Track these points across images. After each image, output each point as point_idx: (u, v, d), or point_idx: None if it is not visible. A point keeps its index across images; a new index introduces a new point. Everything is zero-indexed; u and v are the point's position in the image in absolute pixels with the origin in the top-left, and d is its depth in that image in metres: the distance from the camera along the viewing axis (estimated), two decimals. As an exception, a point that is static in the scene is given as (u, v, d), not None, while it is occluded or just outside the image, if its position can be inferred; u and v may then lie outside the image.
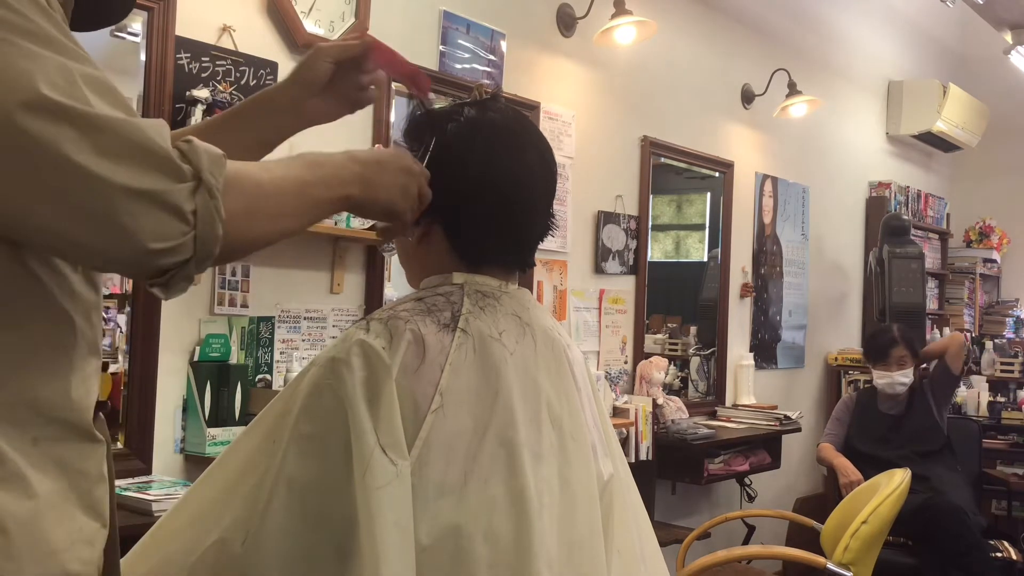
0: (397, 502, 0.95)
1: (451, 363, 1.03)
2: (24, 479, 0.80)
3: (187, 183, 0.80)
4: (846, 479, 3.96)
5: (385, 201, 1.03)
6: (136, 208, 0.77)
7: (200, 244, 0.81)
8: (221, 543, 0.98)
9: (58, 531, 0.82)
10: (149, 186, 0.78)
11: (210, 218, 0.81)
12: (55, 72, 0.76)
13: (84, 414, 0.88)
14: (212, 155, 0.83)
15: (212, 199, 0.81)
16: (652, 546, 1.24)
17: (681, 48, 4.33)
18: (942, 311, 6.54)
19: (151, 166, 0.79)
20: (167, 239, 0.79)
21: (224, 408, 2.49)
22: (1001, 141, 6.74)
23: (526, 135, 1.17)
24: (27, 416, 0.82)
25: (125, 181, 0.77)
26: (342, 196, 0.99)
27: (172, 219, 0.79)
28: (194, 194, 0.81)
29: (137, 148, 0.78)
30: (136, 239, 0.78)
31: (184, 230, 0.80)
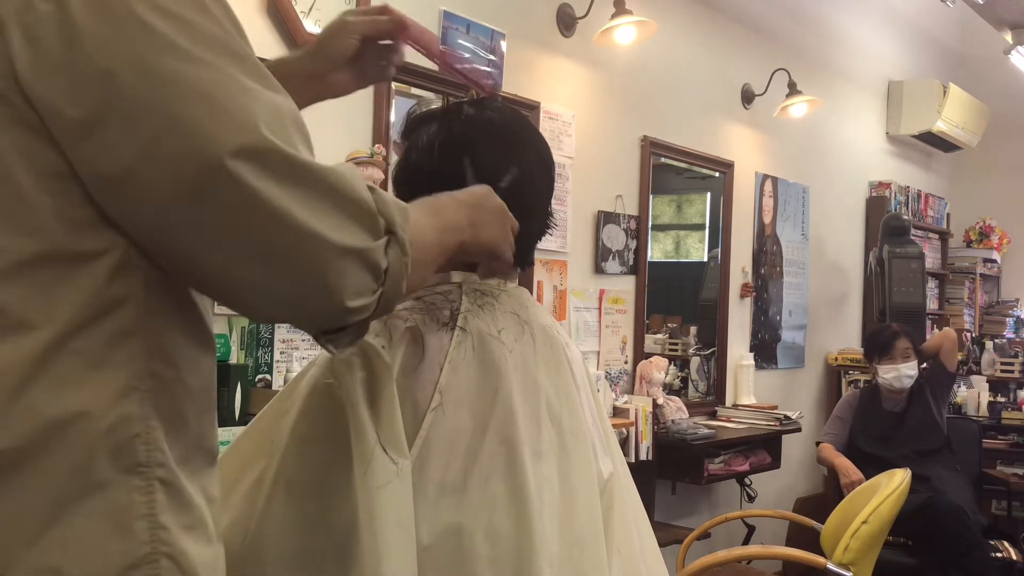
0: (398, 501, 0.95)
1: (450, 361, 1.03)
2: (206, 525, 0.78)
3: (383, 239, 0.78)
4: (847, 479, 3.96)
5: (488, 242, 1.00)
6: (345, 266, 0.74)
7: (384, 300, 0.79)
8: (221, 543, 0.98)
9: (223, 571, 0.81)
10: (357, 244, 0.75)
11: (400, 274, 0.79)
12: (270, 112, 0.72)
13: (217, 438, 0.86)
14: (401, 208, 0.80)
15: (404, 256, 0.79)
16: (652, 545, 1.24)
17: (681, 48, 4.33)
18: (942, 311, 6.53)
19: (356, 221, 0.75)
20: (363, 297, 0.77)
21: (224, 408, 2.49)
22: (1001, 141, 6.74)
23: (524, 134, 1.17)
24: (195, 453, 0.80)
25: (337, 238, 0.73)
26: (459, 242, 0.96)
27: (369, 276, 0.77)
28: (387, 250, 0.78)
29: (344, 201, 0.75)
30: (337, 296, 0.75)
31: (375, 288, 0.78)
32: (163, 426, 0.74)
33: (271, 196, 0.70)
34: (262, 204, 0.70)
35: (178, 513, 0.75)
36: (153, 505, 0.72)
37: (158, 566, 0.72)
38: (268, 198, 0.70)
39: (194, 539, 0.75)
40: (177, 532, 0.74)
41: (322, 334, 0.81)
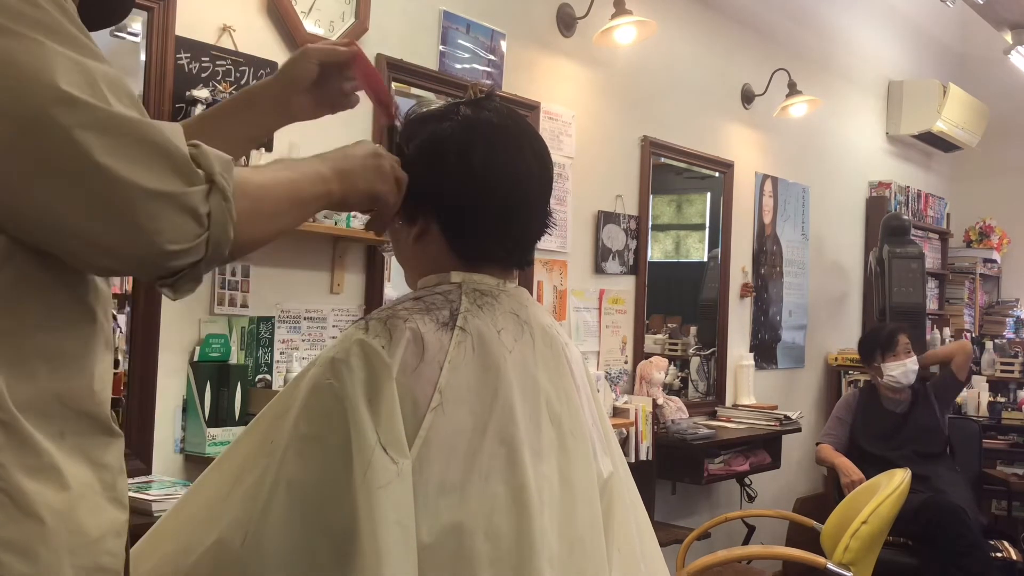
0: (398, 501, 0.95)
1: (450, 361, 1.03)
2: (57, 470, 0.82)
3: (201, 186, 0.82)
4: (848, 478, 3.96)
5: (364, 187, 1.06)
6: (155, 209, 0.79)
7: (212, 246, 0.83)
8: (220, 543, 0.98)
9: (91, 522, 0.84)
10: (168, 188, 0.79)
11: (223, 220, 0.83)
12: (75, 70, 0.77)
13: (104, 407, 0.89)
14: (222, 159, 0.85)
15: (226, 202, 0.83)
16: (651, 545, 1.24)
17: (681, 48, 4.33)
18: (942, 311, 6.53)
19: (169, 168, 0.80)
20: (183, 240, 0.80)
21: (224, 408, 2.49)
22: (1001, 141, 6.74)
23: (522, 134, 1.17)
24: (55, 409, 0.83)
25: (146, 183, 0.78)
26: (325, 192, 1.01)
27: (189, 221, 0.81)
28: (208, 196, 0.82)
29: (156, 149, 0.80)
30: (154, 240, 0.79)
31: (198, 232, 0.82)
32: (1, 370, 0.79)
33: (83, 142, 0.76)
34: (75, 150, 0.76)
35: (18, 453, 0.79)
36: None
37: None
38: (80, 144, 0.75)
39: (40, 481, 0.80)
40: (15, 471, 0.78)
41: (157, 281, 0.84)
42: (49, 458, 0.81)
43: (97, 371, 0.88)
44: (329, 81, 1.19)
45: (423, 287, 1.14)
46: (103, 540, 0.85)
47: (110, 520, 0.86)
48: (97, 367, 0.88)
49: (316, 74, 1.17)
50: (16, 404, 0.80)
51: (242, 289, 2.61)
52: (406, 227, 1.15)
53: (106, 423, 0.89)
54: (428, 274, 1.15)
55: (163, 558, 1.00)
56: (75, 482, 0.83)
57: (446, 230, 1.13)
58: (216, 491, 1.03)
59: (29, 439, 0.80)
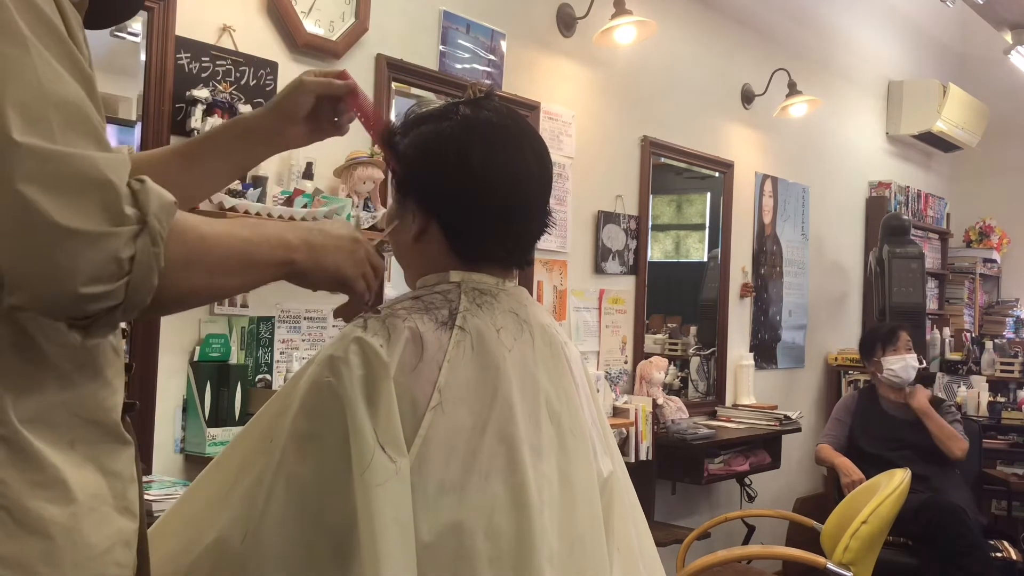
0: (396, 499, 0.95)
1: (449, 360, 1.03)
2: (64, 483, 0.81)
3: (130, 227, 0.77)
4: (848, 478, 3.96)
5: (332, 267, 1.00)
6: (72, 248, 0.74)
7: (132, 291, 0.77)
8: (220, 541, 0.98)
9: (97, 534, 0.83)
10: (88, 227, 0.74)
11: (147, 266, 0.78)
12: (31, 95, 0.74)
13: (113, 415, 0.89)
14: (163, 200, 0.79)
15: (154, 247, 0.78)
16: (650, 545, 1.24)
17: (681, 48, 4.33)
18: (942, 311, 6.53)
19: (95, 205, 0.75)
20: (99, 284, 0.75)
21: (224, 408, 2.49)
22: (1001, 141, 6.74)
23: (522, 134, 1.17)
24: (64, 419, 0.82)
25: (63, 220, 0.73)
26: (286, 259, 0.95)
27: (108, 263, 0.75)
28: (135, 239, 0.77)
29: (85, 183, 0.75)
30: (68, 280, 0.74)
31: (117, 275, 0.76)
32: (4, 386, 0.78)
33: (5, 169, 0.72)
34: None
35: (22, 469, 0.78)
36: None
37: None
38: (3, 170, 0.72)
39: (43, 496, 0.79)
40: (17, 486, 0.77)
41: (71, 322, 0.79)
42: (55, 471, 0.80)
43: (105, 378, 0.88)
44: (323, 111, 1.20)
45: (422, 286, 1.14)
46: (111, 551, 0.84)
47: (118, 530, 0.86)
48: (103, 375, 0.88)
49: (311, 107, 1.18)
50: (22, 418, 0.79)
51: (242, 289, 2.61)
52: (406, 227, 1.15)
53: (116, 430, 0.88)
54: (427, 273, 1.15)
55: (163, 557, 1.01)
56: (82, 494, 0.82)
57: (445, 229, 1.13)
58: (216, 490, 1.03)
59: (34, 453, 0.79)
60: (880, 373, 4.27)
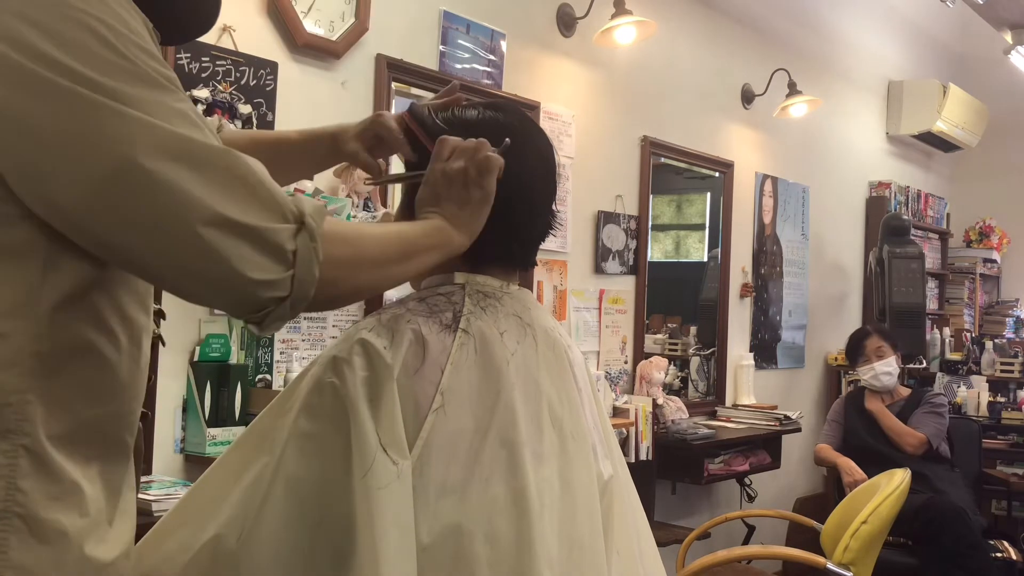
0: (398, 502, 0.95)
1: (452, 363, 1.03)
2: (80, 497, 0.83)
3: (290, 224, 0.85)
4: (850, 478, 3.96)
5: (470, 215, 1.06)
6: (240, 241, 0.81)
7: (297, 284, 0.85)
8: (216, 539, 0.98)
9: (105, 548, 0.86)
10: (255, 222, 0.82)
11: (309, 260, 0.85)
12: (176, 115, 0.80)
13: (129, 432, 0.91)
14: (314, 204, 0.88)
15: (312, 242, 0.85)
16: (650, 547, 1.24)
17: (681, 48, 4.33)
18: (942, 311, 6.53)
19: (258, 203, 0.83)
20: (267, 272, 0.83)
21: (224, 408, 2.49)
22: (1001, 141, 6.74)
23: (526, 135, 1.17)
24: (86, 436, 0.85)
25: (233, 214, 0.80)
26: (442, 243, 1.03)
27: (273, 255, 0.83)
28: (296, 236, 0.85)
29: (246, 184, 0.83)
30: (237, 269, 0.81)
31: (283, 268, 0.84)
32: (40, 403, 0.81)
33: (178, 179, 0.78)
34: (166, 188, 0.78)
35: (44, 481, 0.81)
36: (14, 469, 0.79)
37: (8, 523, 0.78)
38: (174, 182, 0.78)
39: (60, 509, 0.81)
40: (37, 497, 0.80)
41: (246, 317, 0.87)
42: (72, 485, 0.83)
43: (128, 397, 0.90)
44: None
45: (426, 287, 1.14)
46: (115, 565, 0.87)
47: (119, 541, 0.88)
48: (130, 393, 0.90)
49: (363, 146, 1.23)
50: (49, 434, 0.81)
51: (242, 289, 2.61)
52: None
53: (126, 449, 0.91)
54: (432, 275, 1.15)
55: (163, 555, 1.01)
56: (93, 508, 0.85)
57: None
58: (217, 489, 1.03)
59: (56, 468, 0.82)
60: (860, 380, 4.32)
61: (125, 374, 0.90)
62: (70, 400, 0.84)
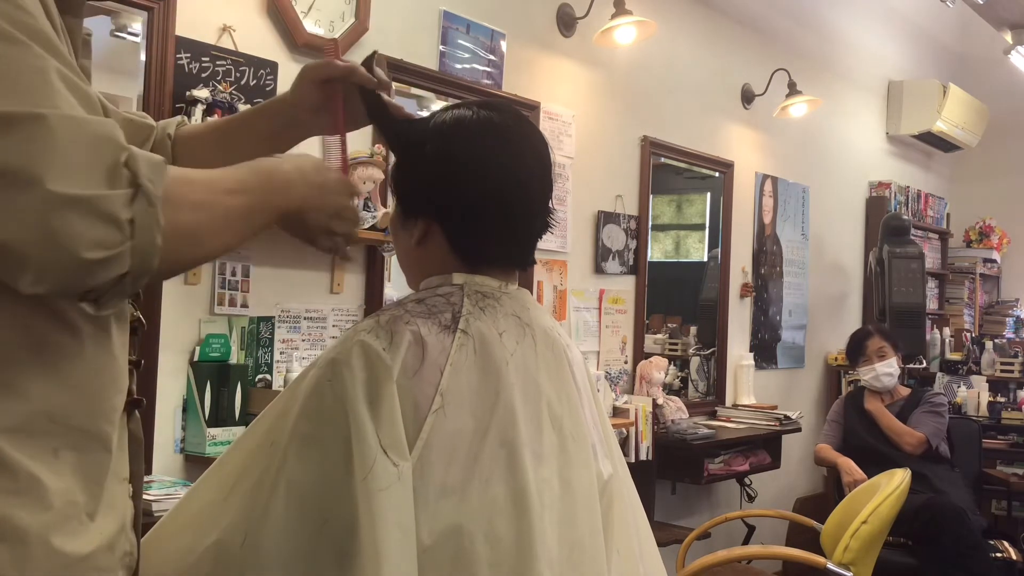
0: (398, 503, 0.95)
1: (452, 364, 1.03)
2: (40, 491, 0.80)
3: (124, 190, 0.75)
4: (850, 478, 3.96)
5: (312, 228, 1.01)
6: (69, 214, 0.72)
7: (139, 256, 0.76)
8: (219, 544, 0.98)
9: (75, 542, 0.82)
10: (81, 191, 0.72)
11: (148, 227, 0.76)
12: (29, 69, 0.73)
13: (101, 420, 0.87)
14: (151, 161, 0.78)
15: (151, 207, 0.76)
16: (650, 546, 1.24)
17: (681, 48, 4.33)
18: (942, 311, 6.53)
19: (86, 169, 0.73)
20: (102, 248, 0.73)
21: (224, 408, 2.49)
22: (1001, 141, 6.73)
23: (522, 134, 1.17)
24: (45, 427, 0.81)
25: (57, 186, 0.71)
26: (282, 210, 0.96)
27: (107, 227, 0.74)
28: (132, 201, 0.75)
29: (76, 146, 0.73)
30: (70, 248, 0.72)
31: (120, 239, 0.74)
32: None
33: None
34: None
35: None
36: None
37: None
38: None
39: (17, 504, 0.78)
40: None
41: (79, 297, 0.78)
42: (30, 480, 0.79)
43: (96, 384, 0.86)
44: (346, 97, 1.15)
45: (425, 288, 1.14)
46: (91, 557, 0.83)
47: (99, 534, 0.85)
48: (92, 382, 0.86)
49: (320, 95, 1.14)
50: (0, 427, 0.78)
51: (242, 289, 2.61)
52: (408, 230, 1.15)
53: (103, 438, 0.87)
54: (430, 276, 1.15)
55: (164, 558, 1.01)
56: (60, 501, 0.81)
57: (448, 232, 1.13)
58: (217, 492, 1.03)
59: (8, 461, 0.78)
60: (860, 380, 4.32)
61: (89, 361, 0.85)
62: (21, 391, 0.79)
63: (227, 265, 2.57)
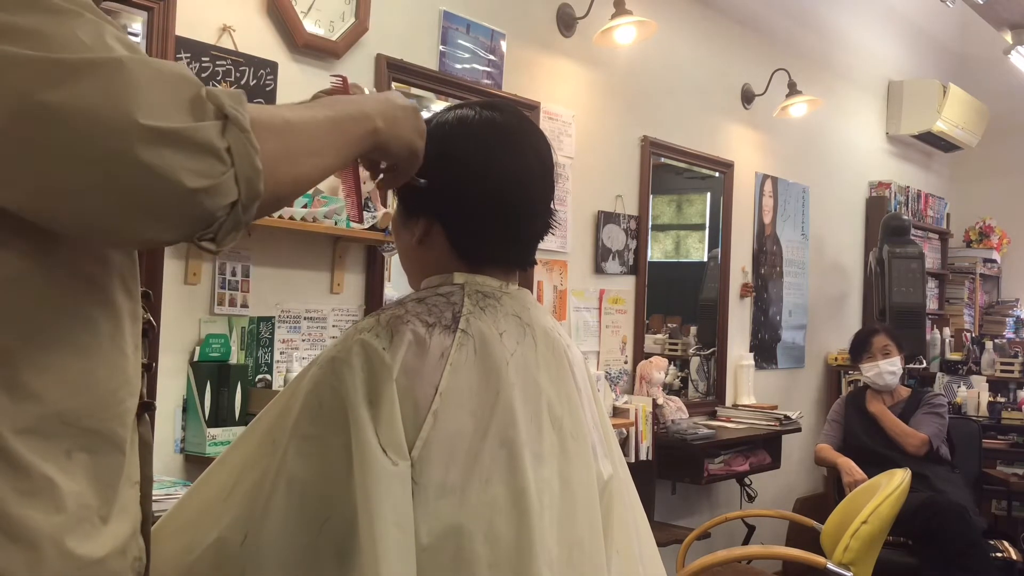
0: (397, 503, 0.95)
1: (451, 363, 1.03)
2: (54, 493, 0.79)
3: (214, 120, 0.75)
4: (850, 478, 3.96)
5: (407, 139, 1.02)
6: (165, 149, 0.71)
7: (243, 182, 0.76)
8: (220, 542, 0.98)
9: (88, 545, 0.81)
10: (174, 124, 0.72)
11: (246, 152, 0.76)
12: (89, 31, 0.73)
13: (114, 423, 0.86)
14: (231, 92, 0.78)
15: (243, 132, 0.76)
16: (650, 546, 1.24)
17: (681, 48, 4.33)
18: (942, 311, 6.53)
19: (172, 104, 0.73)
20: (206, 177, 0.73)
21: (224, 408, 2.49)
22: (1001, 141, 6.74)
23: (524, 134, 1.17)
24: (58, 429, 0.80)
25: (150, 122, 0.71)
26: (370, 129, 0.96)
27: (207, 157, 0.74)
28: (224, 131, 0.75)
29: (154, 86, 0.73)
30: (172, 181, 0.71)
31: (222, 169, 0.74)
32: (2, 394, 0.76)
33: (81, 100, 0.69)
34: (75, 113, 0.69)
35: (8, 477, 0.76)
36: None
37: None
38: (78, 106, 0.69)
39: (30, 505, 0.77)
40: (4, 494, 0.76)
41: (198, 236, 0.77)
42: (44, 481, 0.78)
43: (111, 385, 0.85)
44: None
45: (426, 287, 1.14)
46: (104, 561, 0.83)
47: (112, 538, 0.84)
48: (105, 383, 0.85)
49: None
50: (14, 428, 0.77)
51: (242, 289, 2.61)
52: (409, 230, 1.15)
53: (117, 440, 0.86)
54: (431, 275, 1.15)
55: (164, 556, 1.00)
56: (73, 503, 0.80)
57: (449, 231, 1.13)
58: (217, 490, 1.03)
59: (22, 463, 0.77)
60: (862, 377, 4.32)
61: (104, 361, 0.84)
62: (35, 391, 0.78)
63: (227, 265, 2.57)
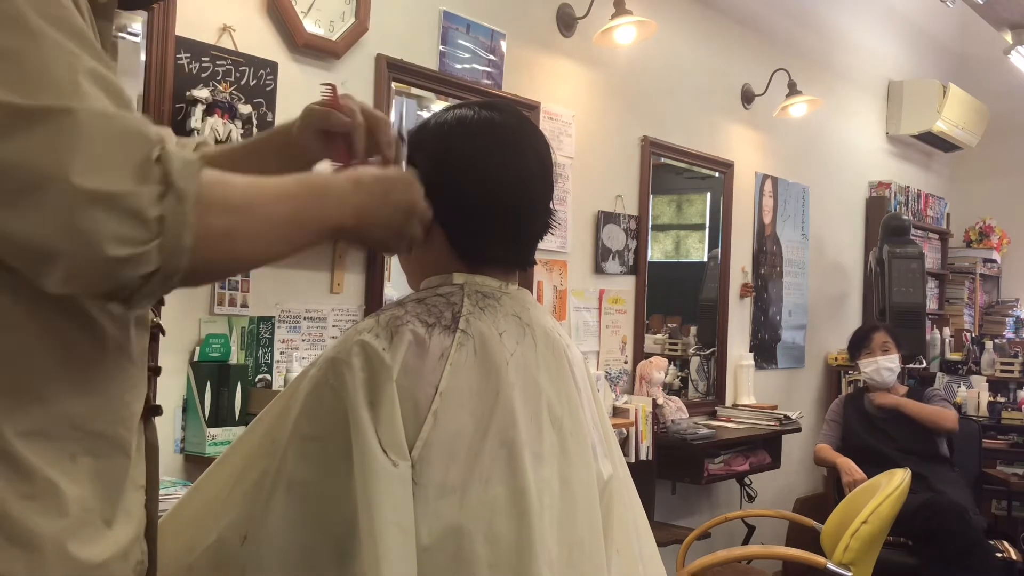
0: (398, 503, 0.95)
1: (451, 364, 1.03)
2: (57, 497, 0.79)
3: (154, 186, 0.73)
4: (850, 478, 3.96)
5: (379, 239, 0.99)
6: (94, 210, 0.70)
7: (166, 255, 0.73)
8: (220, 542, 0.98)
9: (91, 549, 0.81)
10: (108, 187, 0.70)
11: (177, 225, 0.73)
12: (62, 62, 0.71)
13: (121, 427, 0.86)
14: (185, 159, 0.76)
15: (180, 203, 0.74)
16: (650, 546, 1.24)
17: (681, 48, 4.33)
18: (942, 311, 6.53)
19: (117, 164, 0.72)
20: (128, 245, 0.71)
21: (224, 408, 2.49)
22: (1001, 141, 6.73)
23: (523, 134, 1.17)
24: (65, 432, 0.80)
25: (83, 182, 0.69)
26: (333, 226, 0.92)
27: (134, 224, 0.71)
28: (161, 199, 0.73)
29: (105, 141, 0.72)
30: (93, 244, 0.70)
31: (146, 237, 0.72)
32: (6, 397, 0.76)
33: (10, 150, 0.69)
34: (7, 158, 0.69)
35: (11, 480, 0.76)
36: None
37: None
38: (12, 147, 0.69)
39: (34, 509, 0.77)
40: (7, 497, 0.75)
41: (108, 297, 0.76)
42: (47, 485, 0.78)
43: (111, 391, 0.85)
44: None
45: (426, 288, 1.14)
46: (105, 566, 0.83)
47: (115, 542, 0.84)
48: (111, 387, 0.85)
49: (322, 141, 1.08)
50: (17, 431, 0.77)
51: (242, 289, 2.61)
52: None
53: (122, 444, 0.86)
54: (430, 275, 1.15)
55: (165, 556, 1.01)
56: (76, 507, 0.80)
57: (449, 232, 1.13)
58: (217, 490, 1.03)
59: (25, 466, 0.77)
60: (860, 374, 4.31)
61: (111, 365, 0.84)
62: (41, 395, 0.78)
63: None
